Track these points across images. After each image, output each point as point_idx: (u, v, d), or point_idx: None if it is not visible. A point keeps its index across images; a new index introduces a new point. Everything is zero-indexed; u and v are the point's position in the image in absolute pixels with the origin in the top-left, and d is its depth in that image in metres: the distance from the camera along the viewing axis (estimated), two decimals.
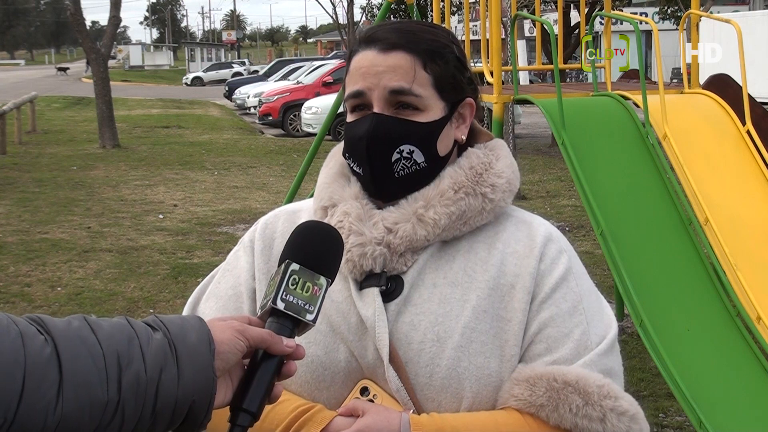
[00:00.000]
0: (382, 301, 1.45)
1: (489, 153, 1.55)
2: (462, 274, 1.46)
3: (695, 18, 6.08)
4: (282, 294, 1.21)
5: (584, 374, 1.41)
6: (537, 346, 1.44)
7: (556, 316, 1.45)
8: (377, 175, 1.49)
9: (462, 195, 1.48)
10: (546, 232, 1.52)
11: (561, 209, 11.12)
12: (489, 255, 1.48)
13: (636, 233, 4.89)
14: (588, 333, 1.45)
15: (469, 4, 7.38)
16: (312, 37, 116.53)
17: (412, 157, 1.47)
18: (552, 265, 1.48)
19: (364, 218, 1.49)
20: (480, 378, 1.42)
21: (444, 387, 1.42)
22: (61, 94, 37.31)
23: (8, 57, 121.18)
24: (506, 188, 1.52)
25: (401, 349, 1.43)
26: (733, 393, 4.34)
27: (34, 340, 1.06)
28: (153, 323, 1.15)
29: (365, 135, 1.47)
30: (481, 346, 1.43)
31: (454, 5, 18.44)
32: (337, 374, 1.47)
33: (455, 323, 1.43)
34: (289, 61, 39.65)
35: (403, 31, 1.51)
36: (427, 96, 1.48)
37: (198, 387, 1.12)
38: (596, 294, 1.53)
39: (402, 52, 1.48)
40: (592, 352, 1.44)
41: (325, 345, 1.47)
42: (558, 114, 5.06)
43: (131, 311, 6.91)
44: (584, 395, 1.39)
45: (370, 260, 1.45)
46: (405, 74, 1.46)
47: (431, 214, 1.46)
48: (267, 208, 11.29)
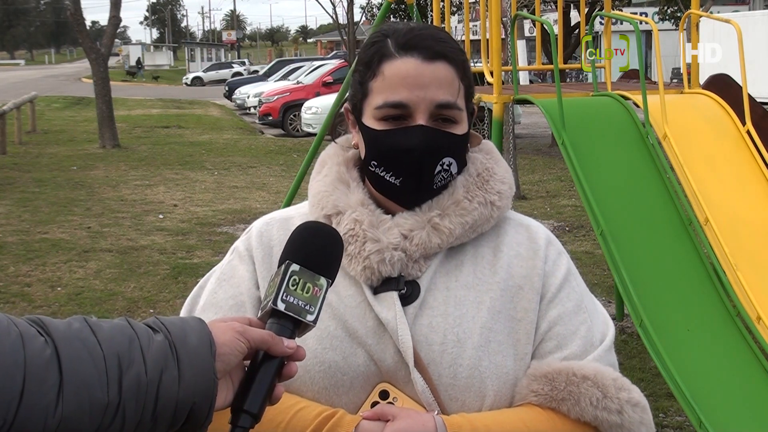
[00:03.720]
0: (400, 305, 1.47)
1: (488, 157, 1.58)
2: (473, 278, 1.50)
3: (695, 18, 6.08)
4: (282, 295, 1.21)
5: (600, 368, 1.47)
6: (548, 344, 1.50)
7: (564, 314, 1.51)
8: (419, 188, 1.49)
9: (476, 205, 1.51)
10: (545, 235, 1.57)
11: (561, 209, 11.12)
12: (495, 258, 1.53)
13: (636, 233, 4.89)
14: (592, 330, 1.52)
15: (469, 4, 7.38)
16: (312, 37, 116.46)
17: (450, 169, 1.50)
18: (554, 267, 1.54)
19: (376, 224, 1.49)
20: (500, 376, 1.46)
21: (468, 386, 1.44)
22: (61, 94, 37.31)
23: (8, 57, 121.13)
24: (509, 194, 1.56)
25: (422, 351, 1.45)
26: (733, 393, 4.34)
27: (35, 341, 1.05)
28: (154, 325, 1.15)
29: (417, 148, 1.45)
30: (498, 345, 1.47)
31: (454, 5, 18.43)
32: (356, 379, 1.46)
33: (473, 324, 1.47)
34: (289, 61, 39.64)
35: (439, 40, 1.49)
36: (463, 108, 1.50)
37: (199, 389, 1.12)
38: (590, 294, 1.60)
39: (445, 63, 1.46)
40: (598, 348, 1.51)
41: (343, 350, 1.46)
42: (558, 114, 5.06)
43: (131, 311, 6.91)
44: (602, 388, 1.45)
45: (389, 266, 1.47)
46: (449, 87, 1.46)
47: (446, 223, 1.49)
48: (267, 208, 11.28)
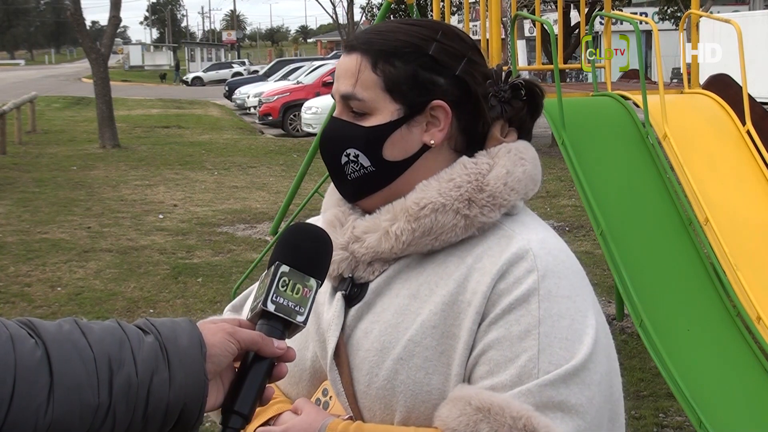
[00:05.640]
0: (342, 306, 1.46)
1: (484, 162, 1.45)
2: (424, 288, 1.41)
3: (695, 18, 6.07)
4: (272, 296, 1.21)
5: (503, 403, 1.28)
6: (479, 369, 1.34)
7: (503, 338, 1.33)
8: (334, 176, 1.50)
9: (427, 212, 1.41)
10: (520, 249, 1.38)
11: (561, 209, 11.11)
12: (455, 269, 1.40)
13: (636, 233, 4.89)
14: (536, 360, 1.31)
15: (469, 4, 7.38)
16: (312, 37, 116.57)
17: (358, 160, 1.46)
18: (514, 285, 1.35)
19: (337, 224, 1.50)
20: (417, 394, 1.37)
21: (378, 397, 1.39)
22: (61, 94, 37.33)
23: (8, 57, 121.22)
24: (486, 202, 1.41)
25: (351, 355, 1.43)
26: (733, 393, 4.34)
27: (25, 343, 1.05)
28: (144, 326, 1.15)
29: (323, 139, 1.51)
30: (424, 361, 1.37)
31: (454, 5, 18.43)
32: (305, 372, 1.50)
33: (402, 335, 1.39)
34: (289, 61, 39.60)
35: (369, 33, 1.49)
36: (373, 99, 1.44)
37: (189, 390, 1.12)
38: (573, 319, 1.35)
39: (355, 54, 1.46)
40: (533, 382, 1.30)
41: (298, 342, 1.47)
42: (558, 114, 5.05)
43: (131, 311, 6.91)
44: (494, 424, 1.28)
45: (335, 265, 1.45)
46: (351, 77, 1.45)
47: (394, 228, 1.43)
48: (267, 208, 11.28)
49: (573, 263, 1.43)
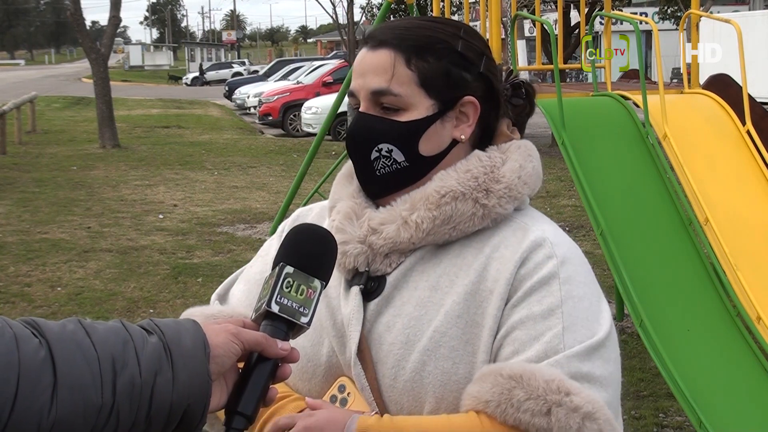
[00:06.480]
0: (361, 300, 1.45)
1: (497, 156, 1.50)
2: (444, 279, 1.44)
3: (695, 18, 6.08)
4: (276, 297, 1.21)
5: (534, 369, 1.32)
6: (505, 349, 1.38)
7: (527, 318, 1.37)
8: (361, 172, 1.50)
9: (448, 200, 1.44)
10: (537, 238, 1.44)
11: (561, 209, 11.11)
12: (474, 260, 1.44)
13: (636, 233, 4.90)
14: (562, 336, 1.36)
15: (469, 4, 7.38)
16: (312, 37, 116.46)
17: (392, 155, 1.47)
18: (534, 270, 1.41)
19: (353, 217, 1.49)
20: (446, 383, 1.39)
21: (406, 390, 1.40)
22: (61, 94, 37.32)
23: (8, 57, 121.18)
24: (503, 193, 1.46)
25: (374, 349, 1.44)
26: (733, 393, 4.34)
27: (29, 343, 1.05)
28: (148, 327, 1.15)
29: (352, 134, 1.50)
30: (450, 351, 1.39)
31: (454, 5, 18.43)
32: (319, 367, 1.49)
33: (426, 327, 1.41)
34: (289, 61, 39.60)
35: (396, 28, 1.49)
36: (409, 94, 1.45)
37: (193, 391, 1.12)
38: (591, 301, 1.42)
39: (386, 50, 1.46)
40: (560, 354, 1.34)
41: (312, 338, 1.47)
42: (558, 114, 5.06)
43: (131, 311, 6.91)
44: (528, 389, 1.31)
45: (351, 258, 1.46)
46: (384, 73, 1.45)
47: (414, 217, 1.44)
48: (267, 208, 11.28)
49: (583, 255, 1.51)
